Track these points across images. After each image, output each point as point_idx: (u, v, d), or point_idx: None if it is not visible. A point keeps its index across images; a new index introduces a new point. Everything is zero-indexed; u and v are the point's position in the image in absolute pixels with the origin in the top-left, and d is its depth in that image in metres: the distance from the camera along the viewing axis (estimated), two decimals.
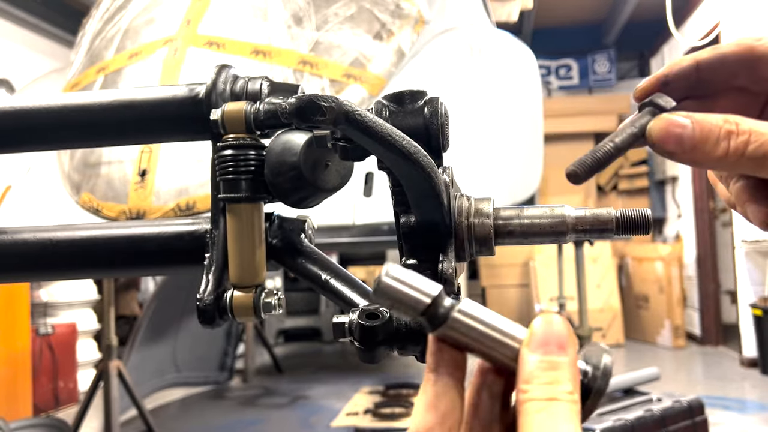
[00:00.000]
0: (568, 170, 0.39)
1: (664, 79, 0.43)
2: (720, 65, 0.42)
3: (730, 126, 0.39)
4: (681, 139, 0.39)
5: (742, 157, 0.39)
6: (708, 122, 0.39)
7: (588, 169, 0.39)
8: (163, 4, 2.33)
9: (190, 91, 0.58)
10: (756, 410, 4.20)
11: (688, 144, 0.39)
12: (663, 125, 0.40)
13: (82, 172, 2.17)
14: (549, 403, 0.32)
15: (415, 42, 2.33)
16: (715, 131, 0.39)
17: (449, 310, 0.36)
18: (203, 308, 0.55)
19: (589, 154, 0.40)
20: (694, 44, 6.39)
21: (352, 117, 0.43)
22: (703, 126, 0.39)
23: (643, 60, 8.83)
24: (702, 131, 0.39)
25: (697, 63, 0.43)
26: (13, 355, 4.05)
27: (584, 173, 0.39)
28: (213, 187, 0.57)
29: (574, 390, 0.33)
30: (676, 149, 0.40)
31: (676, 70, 0.43)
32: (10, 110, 0.59)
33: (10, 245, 0.61)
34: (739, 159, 0.39)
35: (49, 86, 2.83)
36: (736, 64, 0.42)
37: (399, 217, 0.49)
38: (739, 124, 0.39)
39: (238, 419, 4.35)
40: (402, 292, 0.36)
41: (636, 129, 0.41)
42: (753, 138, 0.38)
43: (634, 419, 2.17)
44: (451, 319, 0.36)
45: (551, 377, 0.33)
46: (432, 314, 0.36)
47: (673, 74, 0.43)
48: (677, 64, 0.43)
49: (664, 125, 0.40)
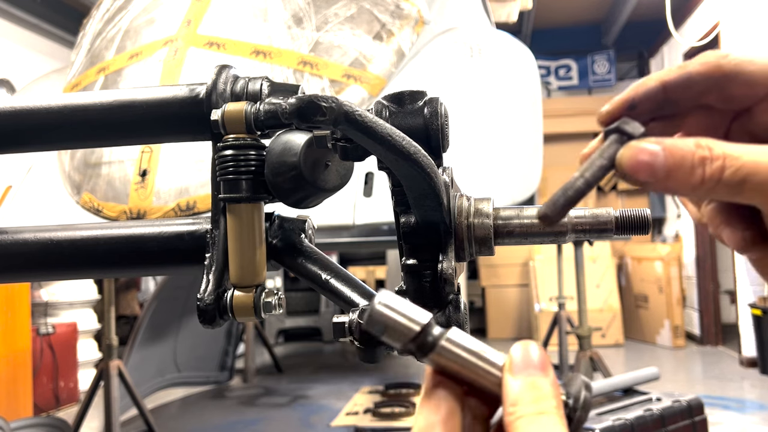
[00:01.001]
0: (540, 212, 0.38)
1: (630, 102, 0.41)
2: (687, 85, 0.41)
3: (704, 151, 0.37)
4: (653, 169, 0.37)
5: (718, 184, 0.37)
6: (680, 148, 0.37)
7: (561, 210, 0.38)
8: (163, 5, 2.33)
9: (191, 91, 0.58)
10: (755, 410, 4.20)
11: (661, 173, 0.37)
12: (633, 154, 0.38)
13: (82, 172, 2.17)
14: (538, 417, 0.33)
15: (415, 42, 2.33)
16: (688, 158, 0.37)
17: (438, 339, 0.37)
18: (203, 308, 0.55)
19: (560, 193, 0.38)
20: (693, 44, 6.39)
21: (352, 117, 0.43)
22: (675, 153, 0.37)
23: (642, 60, 8.84)
24: (675, 158, 0.37)
25: (663, 84, 0.41)
26: (14, 354, 4.05)
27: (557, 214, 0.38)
28: (213, 187, 0.57)
29: (559, 406, 0.34)
30: (648, 179, 0.37)
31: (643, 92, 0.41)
32: (10, 110, 0.59)
33: (10, 245, 0.61)
34: (715, 185, 0.37)
35: (49, 86, 2.83)
36: (703, 84, 0.40)
37: (399, 217, 0.49)
38: (712, 149, 0.37)
39: (238, 419, 4.35)
40: (393, 320, 0.37)
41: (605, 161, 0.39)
42: (728, 162, 0.37)
43: (634, 419, 2.17)
44: (439, 347, 0.37)
45: (536, 396, 0.34)
46: (421, 342, 0.37)
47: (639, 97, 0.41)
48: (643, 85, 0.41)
49: (633, 154, 0.38)
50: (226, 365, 5.32)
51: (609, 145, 0.39)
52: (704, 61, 0.40)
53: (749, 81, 0.40)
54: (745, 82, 0.40)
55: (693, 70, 0.40)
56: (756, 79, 0.40)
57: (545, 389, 0.35)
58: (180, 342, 4.71)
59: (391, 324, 0.37)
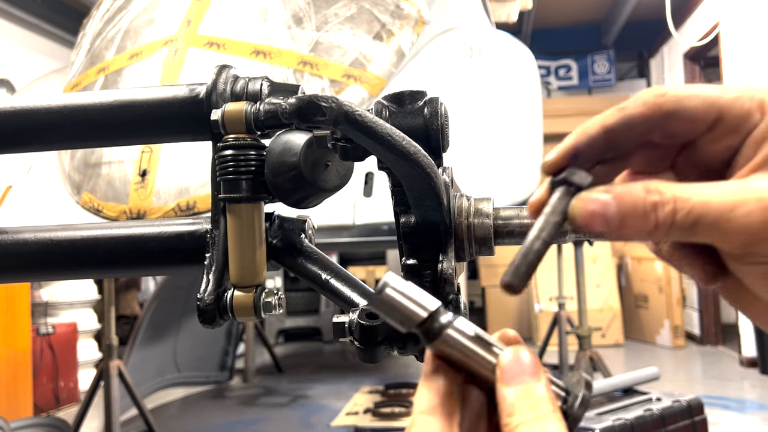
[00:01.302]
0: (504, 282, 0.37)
1: (573, 152, 0.40)
2: (628, 128, 0.40)
3: (654, 196, 0.37)
4: (606, 219, 0.37)
5: (672, 227, 0.37)
6: (630, 195, 0.37)
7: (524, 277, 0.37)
8: (163, 5, 2.33)
9: (191, 91, 0.58)
10: (755, 410, 4.20)
11: (615, 222, 0.37)
12: (584, 206, 0.37)
13: (82, 172, 2.17)
14: (537, 422, 0.34)
15: (415, 42, 2.33)
16: (639, 204, 0.37)
17: (444, 327, 0.37)
18: (204, 308, 0.55)
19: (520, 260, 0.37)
20: (693, 44, 6.39)
21: (352, 117, 0.43)
22: (626, 200, 0.37)
23: (642, 60, 8.84)
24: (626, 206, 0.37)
25: (604, 129, 0.40)
26: (14, 354, 4.05)
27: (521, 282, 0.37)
28: (213, 187, 0.57)
29: (555, 409, 0.35)
30: (603, 230, 0.37)
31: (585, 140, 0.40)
32: (10, 110, 0.60)
33: (10, 245, 0.61)
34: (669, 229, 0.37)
35: (49, 86, 2.83)
36: (644, 124, 0.40)
37: (399, 217, 0.49)
38: (662, 192, 0.37)
39: (238, 419, 4.35)
40: (401, 304, 0.37)
41: (558, 216, 0.38)
42: (679, 205, 0.36)
43: (634, 419, 2.17)
44: (445, 335, 0.37)
45: (532, 402, 0.35)
46: (428, 328, 0.37)
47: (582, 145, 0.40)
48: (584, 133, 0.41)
49: (584, 206, 0.37)
50: (226, 365, 5.32)
51: (559, 198, 0.39)
52: (643, 102, 0.40)
53: (690, 117, 0.39)
54: (686, 119, 0.39)
55: (633, 112, 0.40)
56: (697, 114, 0.39)
57: (540, 394, 0.35)
58: (180, 342, 4.71)
59: (399, 307, 0.37)
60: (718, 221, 0.36)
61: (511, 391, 0.36)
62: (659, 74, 8.31)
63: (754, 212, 0.36)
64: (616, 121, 0.40)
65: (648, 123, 0.40)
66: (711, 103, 0.39)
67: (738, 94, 0.39)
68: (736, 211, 0.36)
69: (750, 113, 0.39)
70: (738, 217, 0.36)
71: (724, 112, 0.39)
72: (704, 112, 0.39)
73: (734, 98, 0.39)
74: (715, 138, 0.40)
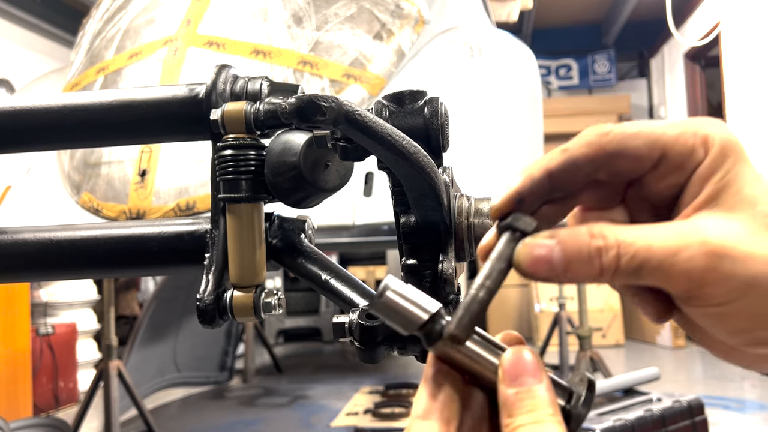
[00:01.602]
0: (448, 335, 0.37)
1: (517, 197, 0.40)
2: (572, 169, 0.39)
3: (598, 241, 0.37)
4: (551, 265, 0.37)
5: (617, 272, 0.37)
6: (574, 240, 0.37)
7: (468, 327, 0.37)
8: (163, 4, 2.33)
9: (190, 91, 0.58)
10: (756, 410, 4.20)
11: (560, 268, 0.37)
12: (529, 252, 0.37)
13: (82, 172, 2.17)
14: (536, 425, 0.34)
15: (415, 42, 2.33)
16: (584, 249, 0.37)
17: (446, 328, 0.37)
18: (203, 308, 0.55)
19: (465, 310, 0.37)
20: (694, 44, 6.39)
21: (352, 117, 0.43)
22: (570, 246, 0.37)
23: (643, 60, 8.84)
24: (571, 252, 0.37)
25: (548, 173, 0.40)
26: (13, 354, 4.05)
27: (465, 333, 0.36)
28: (213, 187, 0.57)
29: (555, 412, 0.35)
30: (549, 275, 0.37)
31: (529, 186, 0.40)
32: (10, 110, 0.59)
33: (10, 245, 0.61)
34: (614, 274, 0.37)
35: (49, 86, 2.83)
36: (588, 166, 0.39)
37: (399, 217, 0.49)
38: (606, 237, 0.37)
39: (238, 419, 4.35)
40: (402, 307, 0.37)
41: (504, 263, 0.38)
42: (622, 250, 0.36)
43: (634, 419, 2.17)
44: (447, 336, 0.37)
45: (532, 405, 0.35)
46: (429, 330, 0.37)
47: (526, 190, 0.40)
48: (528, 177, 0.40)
49: (529, 252, 0.37)
50: (226, 365, 5.32)
51: (505, 244, 0.38)
52: (587, 142, 0.39)
53: (634, 156, 0.39)
54: (631, 158, 0.39)
55: (576, 153, 0.39)
56: (641, 153, 0.39)
57: (540, 397, 0.35)
58: (180, 342, 4.71)
59: (399, 310, 0.37)
60: (661, 266, 0.36)
61: (512, 392, 0.36)
62: (660, 74, 8.32)
63: (696, 257, 0.36)
64: (560, 164, 0.39)
65: (592, 164, 0.39)
66: (654, 140, 0.38)
67: (681, 130, 0.39)
68: (679, 256, 0.36)
69: (694, 150, 0.38)
70: (680, 262, 0.36)
71: (668, 150, 0.38)
72: (648, 151, 0.39)
73: (677, 135, 0.38)
74: (661, 176, 0.39)
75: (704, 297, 0.37)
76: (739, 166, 0.38)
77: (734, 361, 0.41)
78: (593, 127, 0.40)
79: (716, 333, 0.39)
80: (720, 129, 0.39)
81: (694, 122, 0.39)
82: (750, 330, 0.38)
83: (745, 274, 0.36)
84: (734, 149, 0.39)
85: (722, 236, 0.36)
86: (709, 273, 0.36)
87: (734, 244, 0.36)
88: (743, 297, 0.36)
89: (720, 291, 0.36)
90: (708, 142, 0.38)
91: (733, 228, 0.37)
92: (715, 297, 0.36)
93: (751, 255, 0.36)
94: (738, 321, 0.37)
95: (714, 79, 7.03)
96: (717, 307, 0.37)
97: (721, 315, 0.37)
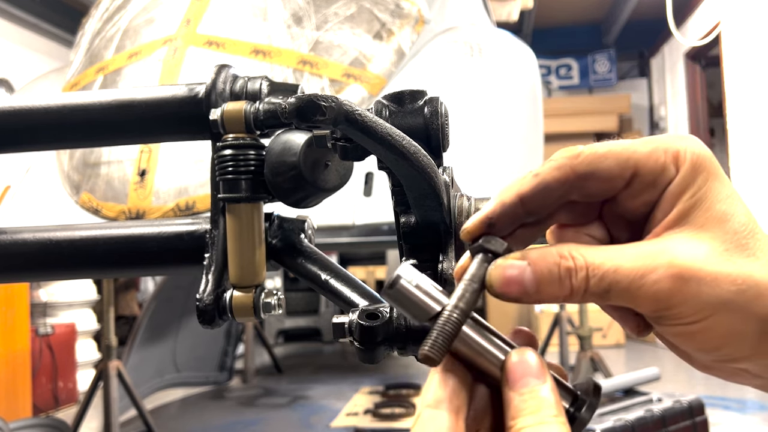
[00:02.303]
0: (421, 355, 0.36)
1: (487, 222, 0.40)
2: (545, 194, 0.39)
3: (568, 262, 0.37)
4: (522, 285, 0.37)
5: (587, 293, 0.37)
6: (545, 261, 0.37)
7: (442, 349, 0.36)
8: (162, 4, 2.33)
9: (190, 90, 0.58)
10: (756, 410, 4.20)
11: (531, 288, 0.37)
12: (500, 274, 0.38)
13: (81, 172, 2.17)
14: (540, 427, 0.34)
15: (415, 41, 2.32)
16: (554, 271, 0.37)
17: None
18: (203, 308, 0.55)
19: (438, 332, 0.37)
20: (694, 44, 6.39)
21: (352, 117, 0.43)
22: (541, 267, 0.37)
23: (643, 59, 8.84)
24: (541, 273, 0.37)
25: (520, 198, 0.39)
26: (13, 355, 4.05)
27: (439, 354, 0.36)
28: (213, 187, 0.57)
29: (559, 413, 0.35)
30: (520, 296, 0.38)
31: (499, 211, 0.40)
32: (9, 110, 0.59)
33: (9, 245, 0.61)
34: (584, 295, 0.37)
35: (48, 86, 2.82)
36: (560, 189, 0.39)
37: (399, 217, 0.49)
38: (575, 259, 0.37)
39: (237, 419, 4.35)
40: (415, 296, 0.38)
41: (476, 284, 0.38)
42: (591, 272, 0.37)
43: (635, 419, 2.17)
44: None
45: (536, 406, 0.35)
46: None
47: (496, 215, 0.40)
48: (499, 203, 0.40)
49: (501, 273, 0.38)
50: (226, 366, 5.32)
51: (478, 266, 0.39)
52: (557, 166, 0.39)
53: (606, 176, 0.39)
54: (602, 179, 0.39)
55: (547, 178, 0.39)
56: (612, 173, 0.39)
57: (544, 398, 0.35)
58: (179, 342, 4.70)
59: (413, 299, 0.38)
60: (629, 288, 0.36)
61: (515, 393, 0.36)
62: (660, 74, 8.32)
63: (662, 280, 0.36)
64: (532, 189, 0.39)
65: (564, 187, 0.39)
66: (625, 160, 0.38)
67: (653, 147, 0.39)
68: (646, 278, 0.36)
69: (665, 167, 0.38)
70: (647, 284, 0.36)
71: (639, 168, 0.38)
72: (620, 171, 0.39)
73: (649, 153, 0.38)
74: (634, 194, 0.40)
75: (672, 317, 0.37)
76: (711, 183, 0.39)
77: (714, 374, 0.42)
78: (563, 149, 0.40)
79: (688, 350, 0.40)
80: (692, 144, 0.39)
81: (666, 139, 0.39)
82: (719, 348, 0.38)
83: (711, 295, 0.36)
84: (706, 165, 0.39)
85: (689, 257, 0.37)
86: (675, 295, 0.36)
87: (701, 265, 0.36)
88: (711, 317, 0.37)
89: (687, 312, 0.37)
90: (679, 159, 0.38)
91: (700, 248, 0.37)
92: (682, 317, 0.37)
93: (718, 276, 0.36)
94: (707, 340, 0.38)
95: (714, 78, 7.04)
96: (685, 327, 0.37)
97: (690, 334, 0.38)
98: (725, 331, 0.37)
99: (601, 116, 7.89)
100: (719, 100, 6.60)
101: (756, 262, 0.37)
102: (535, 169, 0.40)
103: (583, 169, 0.39)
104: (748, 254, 0.37)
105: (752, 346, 0.38)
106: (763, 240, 0.38)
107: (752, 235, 0.38)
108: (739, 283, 0.36)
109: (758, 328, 0.37)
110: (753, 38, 5.32)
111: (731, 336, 0.37)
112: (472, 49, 2.44)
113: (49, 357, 4.48)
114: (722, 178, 0.39)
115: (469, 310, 0.38)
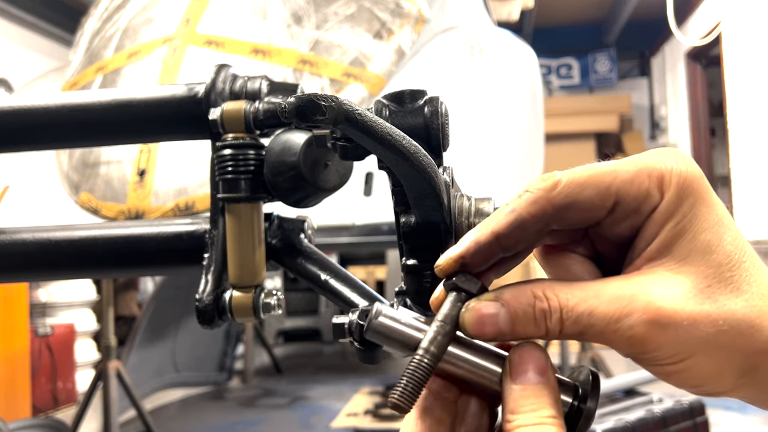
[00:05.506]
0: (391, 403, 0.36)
1: (461, 261, 0.38)
2: (521, 230, 0.37)
3: (542, 304, 0.36)
4: (497, 327, 0.36)
5: (561, 333, 0.36)
6: (519, 302, 0.36)
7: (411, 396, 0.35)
8: (162, 4, 2.33)
9: (190, 90, 0.58)
10: (757, 410, 4.20)
11: (507, 329, 0.36)
12: (474, 317, 0.36)
13: (80, 171, 2.17)
14: (537, 428, 0.34)
15: (415, 41, 2.32)
16: (529, 312, 0.36)
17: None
18: (202, 308, 0.55)
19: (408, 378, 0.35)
20: (695, 43, 6.39)
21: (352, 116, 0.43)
22: (515, 309, 0.36)
23: (643, 59, 8.84)
24: (516, 314, 0.36)
25: (496, 237, 0.37)
26: (12, 355, 4.05)
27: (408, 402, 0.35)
28: (212, 186, 0.57)
29: (557, 414, 0.35)
30: (496, 336, 0.36)
31: (474, 249, 0.38)
32: (9, 110, 0.59)
33: (9, 245, 0.61)
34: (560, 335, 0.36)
35: (47, 86, 2.82)
36: (538, 224, 0.37)
37: (399, 217, 0.49)
38: (549, 300, 0.36)
39: (237, 420, 4.35)
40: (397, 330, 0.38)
41: (449, 326, 0.37)
42: (565, 315, 0.36)
43: (635, 420, 2.16)
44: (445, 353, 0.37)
45: (534, 405, 0.35)
46: None
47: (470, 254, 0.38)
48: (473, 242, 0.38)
49: (475, 316, 0.36)
50: (225, 366, 5.32)
51: (450, 307, 0.37)
52: (534, 199, 0.37)
53: (586, 207, 0.37)
54: (582, 209, 0.37)
55: (523, 213, 0.37)
56: (593, 203, 0.37)
57: (544, 397, 0.35)
58: (179, 343, 4.70)
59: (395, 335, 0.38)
60: (603, 332, 0.35)
61: (516, 388, 0.35)
62: (661, 73, 8.32)
63: (638, 325, 0.35)
64: (507, 226, 0.37)
65: (541, 222, 0.37)
66: (606, 188, 0.36)
67: (636, 170, 0.37)
68: (621, 323, 0.35)
69: (648, 193, 0.37)
70: (622, 329, 0.35)
71: (622, 196, 0.37)
72: (600, 201, 0.37)
73: (632, 178, 0.36)
74: (617, 221, 0.38)
75: (649, 360, 0.36)
76: (697, 209, 0.37)
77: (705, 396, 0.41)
78: (540, 178, 0.38)
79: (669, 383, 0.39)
80: (679, 164, 0.37)
81: (651, 159, 0.37)
82: (699, 385, 0.37)
83: (689, 338, 0.35)
84: (693, 189, 0.37)
85: (667, 299, 0.35)
86: (651, 341, 0.35)
87: (679, 306, 0.35)
88: (689, 358, 0.36)
89: (663, 355, 0.36)
90: (664, 183, 0.37)
91: (680, 287, 0.36)
92: (659, 360, 0.36)
93: (696, 317, 0.35)
94: (686, 379, 0.37)
95: (715, 78, 7.03)
96: (663, 367, 0.37)
97: (668, 373, 0.37)
98: (704, 372, 0.36)
99: (602, 116, 7.88)
100: (720, 100, 6.60)
101: (739, 297, 0.36)
102: (511, 202, 0.38)
103: (560, 201, 0.37)
104: (732, 288, 0.36)
105: (733, 383, 0.37)
106: (751, 268, 0.37)
107: (738, 266, 0.36)
108: (719, 324, 0.35)
109: (740, 365, 0.36)
110: (754, 38, 5.32)
111: (711, 376, 0.37)
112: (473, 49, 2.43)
113: (48, 357, 4.48)
114: (710, 201, 0.37)
115: (441, 354, 0.37)
